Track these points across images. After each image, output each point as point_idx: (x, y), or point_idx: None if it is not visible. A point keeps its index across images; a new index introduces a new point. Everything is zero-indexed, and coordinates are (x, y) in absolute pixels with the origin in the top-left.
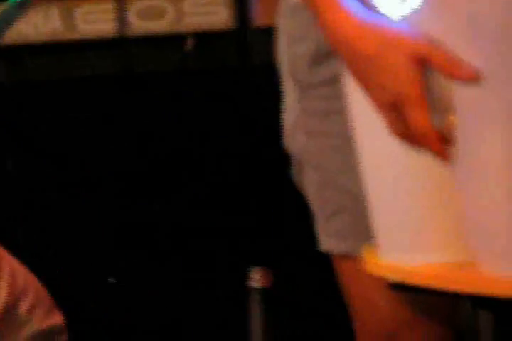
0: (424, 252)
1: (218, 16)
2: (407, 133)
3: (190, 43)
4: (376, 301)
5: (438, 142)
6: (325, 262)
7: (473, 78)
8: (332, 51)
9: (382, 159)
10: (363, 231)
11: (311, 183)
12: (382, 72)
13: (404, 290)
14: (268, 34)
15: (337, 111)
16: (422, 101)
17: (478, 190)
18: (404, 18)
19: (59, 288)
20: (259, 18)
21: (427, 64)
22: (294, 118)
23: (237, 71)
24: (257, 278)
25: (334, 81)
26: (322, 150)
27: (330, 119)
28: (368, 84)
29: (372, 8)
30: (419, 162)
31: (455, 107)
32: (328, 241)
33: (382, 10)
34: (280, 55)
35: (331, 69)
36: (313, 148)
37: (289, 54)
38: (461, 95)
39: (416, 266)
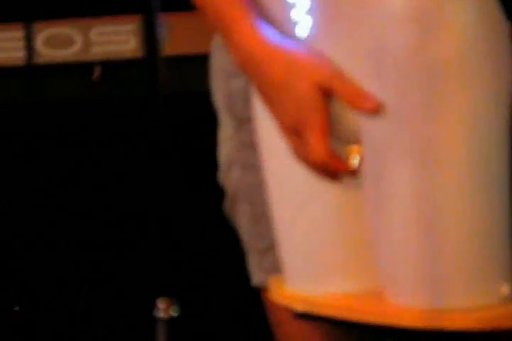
0: (329, 282)
1: (127, 45)
2: (309, 158)
3: (97, 72)
4: (307, 335)
5: (337, 170)
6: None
7: (376, 110)
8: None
9: (286, 185)
10: None
11: (244, 218)
12: (285, 95)
13: (310, 321)
14: (177, 63)
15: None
16: (322, 129)
17: (387, 222)
18: (312, 43)
19: None
20: (168, 47)
21: (331, 93)
22: (230, 151)
23: (145, 100)
24: (163, 308)
25: None
26: (256, 184)
27: None
28: (272, 106)
29: (281, 30)
30: (323, 190)
31: (362, 138)
32: (262, 276)
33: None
34: (214, 89)
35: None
36: (248, 181)
37: (225, 89)
38: (366, 126)
39: (320, 296)
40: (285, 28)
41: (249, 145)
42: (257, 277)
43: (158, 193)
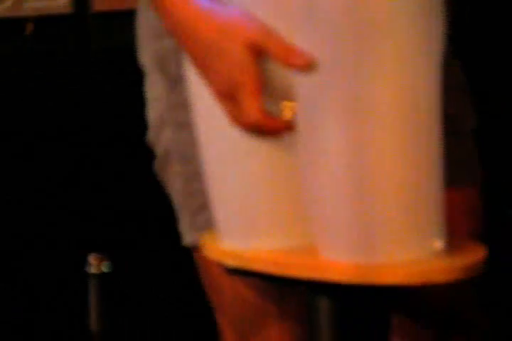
0: (261, 237)
1: (58, 0)
2: (243, 121)
3: (29, 27)
4: (242, 293)
5: (272, 129)
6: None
7: (308, 66)
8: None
9: (220, 143)
10: None
11: (177, 178)
12: (218, 59)
13: (242, 276)
14: (107, 18)
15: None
16: (255, 90)
17: (319, 177)
18: (242, 5)
19: None
20: (98, 2)
21: (264, 52)
22: (161, 111)
23: (76, 55)
24: (95, 264)
25: None
26: (189, 143)
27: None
28: (204, 71)
29: None
30: (256, 146)
31: (296, 95)
32: (194, 235)
33: None
34: (142, 48)
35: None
36: (181, 140)
37: (156, 47)
38: (300, 83)
39: (252, 251)
40: None
41: (182, 105)
42: (188, 236)
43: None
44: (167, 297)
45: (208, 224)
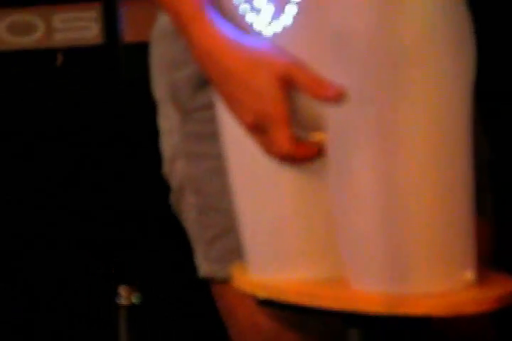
0: (292, 268)
1: (89, 32)
2: (275, 152)
3: (60, 59)
4: (260, 323)
5: (304, 158)
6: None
7: (337, 98)
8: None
9: (250, 173)
10: None
11: (191, 209)
12: (245, 91)
13: (274, 307)
14: (138, 50)
15: (217, 134)
16: (284, 121)
17: (350, 208)
18: (271, 38)
19: None
20: (129, 34)
21: (293, 84)
22: (175, 143)
23: (108, 86)
24: (125, 295)
25: None
26: (203, 173)
27: (210, 142)
28: (232, 103)
29: (240, 25)
30: (287, 176)
31: (326, 125)
32: (209, 267)
33: (255, 27)
34: (155, 79)
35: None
36: (193, 171)
37: (170, 78)
38: (330, 113)
39: (284, 282)
40: (243, 22)
41: (195, 136)
42: (203, 268)
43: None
44: (195, 328)
45: (222, 256)
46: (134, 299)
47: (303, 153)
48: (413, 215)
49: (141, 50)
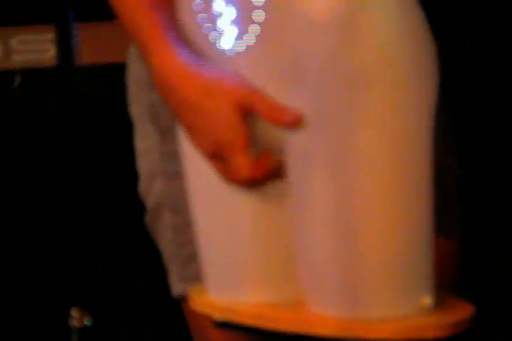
0: (249, 290)
1: (46, 54)
2: (234, 178)
3: (17, 80)
4: None
5: (265, 183)
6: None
7: (295, 123)
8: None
9: (208, 196)
10: None
11: (167, 228)
12: (203, 119)
13: (230, 329)
14: (93, 71)
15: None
16: (243, 148)
17: (306, 230)
18: (233, 58)
19: None
20: (83, 56)
21: (250, 111)
22: (153, 162)
23: (63, 107)
24: (77, 317)
25: None
26: (181, 192)
27: None
28: (190, 131)
29: (202, 45)
30: (244, 200)
31: (285, 149)
32: (183, 286)
33: (218, 46)
34: (132, 99)
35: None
36: (172, 190)
37: (148, 98)
38: (288, 137)
39: (239, 305)
40: (205, 43)
41: (174, 155)
42: (177, 287)
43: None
44: None
45: (197, 275)
46: (86, 321)
47: (264, 175)
48: (369, 240)
49: (96, 72)
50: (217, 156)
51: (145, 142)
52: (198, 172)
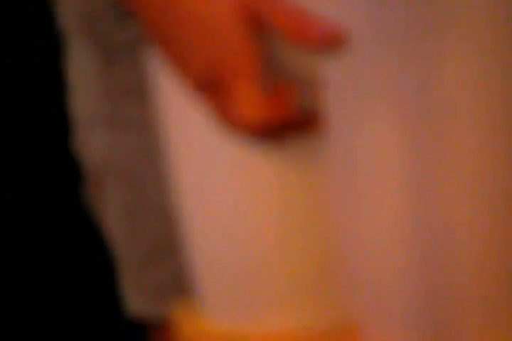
0: (269, 312)
1: None
2: (239, 120)
3: None
4: None
5: (286, 124)
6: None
7: (329, 41)
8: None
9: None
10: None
11: (116, 205)
12: (194, 29)
13: None
14: None
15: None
16: (254, 75)
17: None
18: None
19: None
20: None
21: (264, 22)
22: (93, 101)
23: None
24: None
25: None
26: (134, 153)
27: (147, 103)
28: (177, 56)
29: None
30: (257, 167)
31: (320, 83)
32: (142, 300)
33: None
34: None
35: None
36: (120, 148)
37: (84, 5)
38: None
39: (257, 332)
40: None
41: (125, 92)
42: (133, 302)
43: None
44: None
45: (163, 283)
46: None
47: (283, 119)
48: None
49: None
50: (212, 86)
51: (80, 70)
52: (185, 122)
